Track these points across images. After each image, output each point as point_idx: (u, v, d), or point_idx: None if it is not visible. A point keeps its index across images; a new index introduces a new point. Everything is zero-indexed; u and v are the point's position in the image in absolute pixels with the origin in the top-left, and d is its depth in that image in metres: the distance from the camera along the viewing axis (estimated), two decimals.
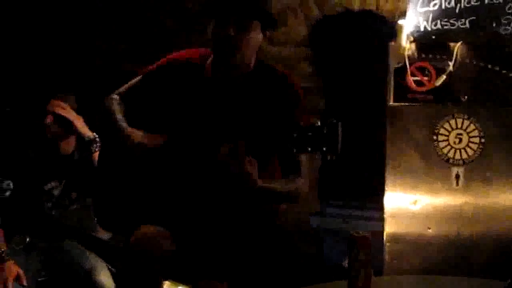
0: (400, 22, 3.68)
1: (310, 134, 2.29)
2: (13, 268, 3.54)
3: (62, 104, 3.73)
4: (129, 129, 2.76)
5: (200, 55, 2.82)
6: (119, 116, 2.84)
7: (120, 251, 2.96)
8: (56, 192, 3.76)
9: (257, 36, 2.68)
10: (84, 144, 3.77)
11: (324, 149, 2.29)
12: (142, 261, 2.64)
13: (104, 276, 3.64)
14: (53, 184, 3.77)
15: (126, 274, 2.73)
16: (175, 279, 2.78)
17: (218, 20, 2.64)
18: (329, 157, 2.31)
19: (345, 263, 2.58)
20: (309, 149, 2.30)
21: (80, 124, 3.76)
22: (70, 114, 3.72)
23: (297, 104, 2.77)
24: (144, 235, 2.69)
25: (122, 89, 2.97)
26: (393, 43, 3.66)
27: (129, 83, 2.95)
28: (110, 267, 3.69)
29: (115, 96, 2.93)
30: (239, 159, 2.41)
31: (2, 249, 3.56)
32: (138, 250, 2.67)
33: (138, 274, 2.65)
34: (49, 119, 3.72)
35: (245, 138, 2.42)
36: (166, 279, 2.77)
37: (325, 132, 2.29)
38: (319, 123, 2.31)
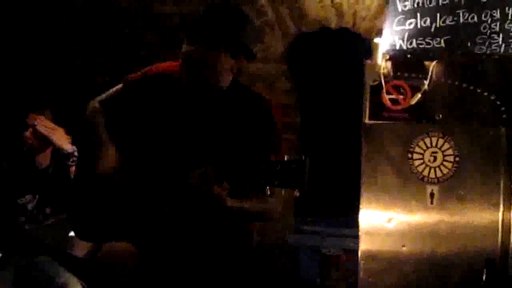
0: (376, 40, 3.70)
1: (278, 168, 2.31)
2: None
3: (42, 118, 3.71)
4: (106, 150, 2.75)
5: (176, 70, 2.81)
6: (101, 130, 2.82)
7: (90, 267, 2.94)
8: (30, 206, 3.73)
9: (225, 60, 2.66)
10: (60, 157, 3.74)
11: (292, 184, 2.31)
12: (107, 277, 2.63)
13: None
14: (27, 197, 3.73)
15: None
16: None
17: (187, 38, 2.65)
18: (296, 194, 2.34)
19: (318, 281, 2.59)
20: (276, 183, 2.32)
21: (58, 137, 3.74)
22: (48, 130, 3.70)
23: (271, 128, 2.76)
24: (109, 252, 2.67)
25: (104, 96, 2.94)
26: (369, 61, 3.68)
27: (112, 90, 2.93)
28: (83, 283, 3.66)
29: (97, 105, 2.90)
30: (209, 183, 2.44)
31: None
32: (102, 265, 2.65)
33: None
34: (28, 132, 3.70)
35: (215, 162, 2.46)
36: None
37: (293, 167, 2.31)
38: (286, 158, 2.33)
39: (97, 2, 5.33)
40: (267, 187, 2.38)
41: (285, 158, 2.37)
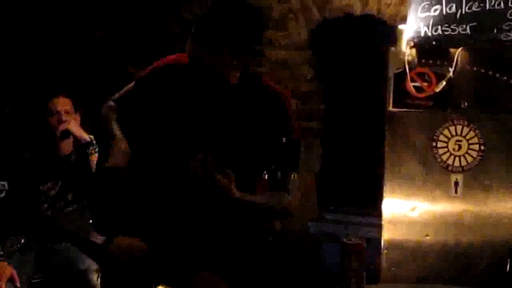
0: (400, 27, 3.65)
1: (273, 150, 2.28)
2: (6, 269, 3.52)
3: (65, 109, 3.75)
4: (118, 145, 2.75)
5: (185, 62, 2.79)
6: (114, 125, 2.81)
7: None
8: (52, 193, 3.75)
9: (226, 60, 2.58)
10: (81, 145, 3.75)
11: (286, 166, 2.28)
12: (117, 272, 2.62)
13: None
14: (49, 185, 3.76)
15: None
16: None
17: (191, 35, 2.62)
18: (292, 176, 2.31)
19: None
20: (273, 167, 2.29)
21: (75, 128, 3.75)
22: (67, 123, 3.73)
23: (281, 117, 2.70)
24: (118, 246, 2.66)
25: (117, 95, 2.94)
26: (393, 48, 3.63)
27: (124, 89, 2.93)
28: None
29: (111, 103, 2.90)
30: (209, 171, 2.40)
31: None
32: (112, 261, 2.64)
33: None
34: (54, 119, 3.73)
35: (223, 150, 2.43)
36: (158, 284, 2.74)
37: (286, 149, 2.27)
38: (283, 140, 2.30)
39: None
40: (264, 172, 2.33)
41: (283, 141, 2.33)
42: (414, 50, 3.58)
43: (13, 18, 5.48)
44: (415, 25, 3.57)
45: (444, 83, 3.54)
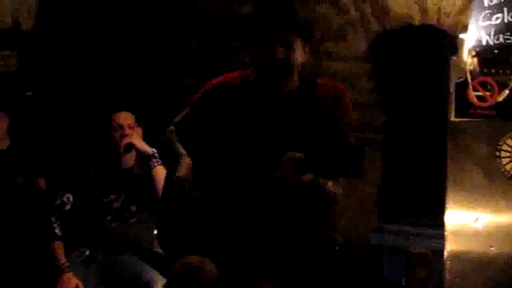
0: (461, 36, 3.63)
1: (335, 157, 2.30)
2: (72, 281, 3.60)
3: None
4: (183, 160, 2.80)
5: (240, 77, 2.83)
6: (178, 145, 2.86)
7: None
8: (115, 205, 3.80)
9: (301, 53, 2.68)
10: (144, 158, 3.81)
11: (350, 172, 2.29)
12: None
13: None
14: (112, 197, 3.81)
15: None
16: None
17: (262, 43, 2.64)
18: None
19: (404, 281, 2.54)
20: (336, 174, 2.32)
21: (138, 141, 3.81)
22: (130, 137, 3.79)
23: (338, 104, 2.73)
24: (186, 264, 2.69)
25: (176, 119, 2.99)
26: (454, 57, 3.61)
27: (181, 113, 2.97)
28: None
29: (172, 127, 2.96)
30: (300, 169, 2.45)
31: (62, 261, 3.62)
32: (179, 278, 2.67)
33: None
34: (117, 134, 3.79)
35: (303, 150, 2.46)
36: None
37: (349, 155, 2.29)
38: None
39: (179, 5, 5.41)
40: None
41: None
42: (475, 59, 3.56)
43: (79, 37, 5.61)
44: (476, 34, 3.54)
45: (507, 92, 3.51)
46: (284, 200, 2.59)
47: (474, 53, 3.55)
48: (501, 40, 3.50)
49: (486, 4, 3.53)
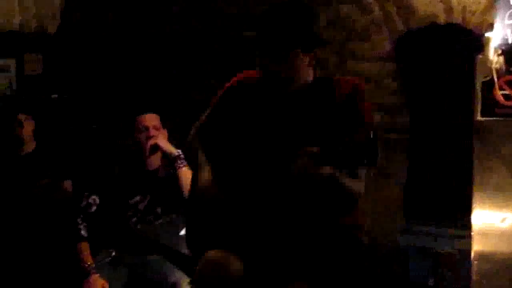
0: (487, 35, 3.60)
1: (350, 148, 2.30)
2: (98, 282, 3.61)
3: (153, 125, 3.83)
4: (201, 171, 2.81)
5: (256, 76, 2.83)
6: (201, 153, 2.88)
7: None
8: (141, 207, 3.82)
9: (300, 61, 2.64)
10: (169, 160, 3.82)
11: (365, 162, 2.29)
12: (209, 285, 2.64)
13: None
14: (138, 198, 3.82)
15: None
16: None
17: (259, 52, 2.65)
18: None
19: (431, 282, 2.53)
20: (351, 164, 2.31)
21: (164, 142, 3.83)
22: (155, 138, 3.81)
23: (354, 98, 2.69)
24: (212, 259, 2.69)
25: (197, 124, 2.99)
26: (480, 56, 3.59)
27: (201, 117, 2.98)
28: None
29: (193, 131, 2.97)
30: (316, 162, 2.43)
31: (88, 263, 3.64)
32: (204, 274, 2.67)
33: None
34: (142, 136, 3.81)
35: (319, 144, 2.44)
36: None
37: (363, 145, 2.28)
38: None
39: (202, 6, 5.43)
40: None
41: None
42: (501, 58, 3.54)
43: (103, 40, 5.65)
44: (502, 32, 3.52)
45: None
46: (304, 195, 2.58)
47: (500, 51, 3.53)
48: None
49: (511, 2, 3.50)
